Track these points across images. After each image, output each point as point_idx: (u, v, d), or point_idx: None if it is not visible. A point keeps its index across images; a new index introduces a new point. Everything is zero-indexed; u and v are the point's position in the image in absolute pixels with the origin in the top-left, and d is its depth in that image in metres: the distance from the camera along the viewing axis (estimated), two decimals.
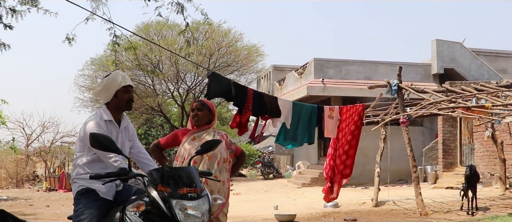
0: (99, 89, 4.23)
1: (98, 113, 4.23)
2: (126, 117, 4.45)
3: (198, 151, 4.26)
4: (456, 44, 21.91)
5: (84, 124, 4.13)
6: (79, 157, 4.11)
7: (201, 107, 5.19)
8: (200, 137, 5.08)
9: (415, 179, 11.40)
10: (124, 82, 4.20)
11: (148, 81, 27.60)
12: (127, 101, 4.24)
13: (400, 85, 11.54)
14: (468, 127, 18.44)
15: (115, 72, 4.32)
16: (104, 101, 4.24)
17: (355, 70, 21.31)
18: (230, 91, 6.55)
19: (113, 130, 4.21)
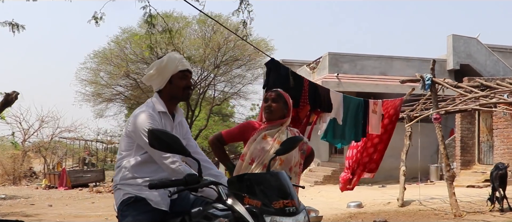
0: (151, 73, 3.47)
1: (149, 103, 3.44)
2: (181, 109, 3.68)
3: (278, 151, 3.51)
4: (472, 40, 21.45)
5: (133, 116, 3.39)
6: (125, 157, 3.38)
7: (277, 98, 4.43)
8: (273, 135, 4.38)
9: (449, 179, 10.92)
10: (182, 66, 3.44)
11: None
12: (183, 88, 3.47)
13: (433, 80, 11.02)
14: (487, 124, 18.01)
15: (171, 53, 3.57)
16: (157, 88, 3.48)
17: (371, 65, 20.80)
18: (288, 81, 5.97)
19: (168, 124, 3.46)
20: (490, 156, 17.80)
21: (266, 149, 4.33)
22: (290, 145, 3.56)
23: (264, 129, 4.43)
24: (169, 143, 2.89)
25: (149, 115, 3.31)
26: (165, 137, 2.89)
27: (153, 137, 2.89)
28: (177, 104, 3.59)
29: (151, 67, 3.51)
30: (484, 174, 17.19)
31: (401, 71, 20.87)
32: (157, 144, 2.90)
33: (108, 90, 29.40)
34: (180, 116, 3.62)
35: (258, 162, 4.33)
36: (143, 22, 8.49)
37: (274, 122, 4.44)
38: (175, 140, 2.92)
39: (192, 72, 3.63)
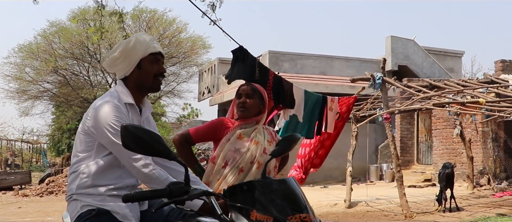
0: (115, 56, 2.81)
1: (113, 93, 2.79)
2: (149, 102, 3.03)
3: (274, 153, 2.98)
4: (410, 42, 21.73)
5: (93, 109, 2.71)
6: (83, 160, 2.70)
7: (251, 93, 3.83)
8: (249, 135, 3.79)
9: (400, 179, 10.72)
10: (153, 48, 2.83)
11: (83, 72, 25.77)
12: (155, 75, 2.84)
13: (384, 79, 10.83)
14: (425, 124, 18.24)
15: (139, 33, 2.96)
16: (121, 74, 2.84)
17: (311, 64, 20.63)
18: (254, 73, 5.41)
19: (135, 119, 2.82)
20: (429, 156, 18.03)
21: (242, 151, 3.75)
22: (287, 145, 3.03)
23: (238, 127, 3.83)
24: (148, 143, 2.27)
25: (114, 107, 2.67)
26: (143, 135, 2.27)
27: (127, 134, 2.26)
28: (145, 95, 2.97)
29: (115, 48, 2.87)
30: (423, 174, 17.40)
31: (341, 71, 20.86)
32: (133, 143, 2.27)
33: (34, 87, 27.74)
34: (148, 110, 3.00)
35: (233, 166, 3.74)
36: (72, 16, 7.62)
37: (249, 120, 3.84)
38: (156, 139, 2.30)
39: (164, 56, 3.00)
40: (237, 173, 3.69)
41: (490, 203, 11.60)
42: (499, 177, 14.39)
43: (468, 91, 10.48)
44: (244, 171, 3.72)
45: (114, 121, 2.63)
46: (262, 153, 3.78)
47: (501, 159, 14.50)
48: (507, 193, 12.79)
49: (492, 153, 14.54)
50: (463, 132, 14.02)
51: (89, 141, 2.72)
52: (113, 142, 2.60)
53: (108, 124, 2.63)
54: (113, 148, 2.63)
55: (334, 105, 8.11)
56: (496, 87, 11.04)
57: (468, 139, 14.19)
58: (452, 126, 16.18)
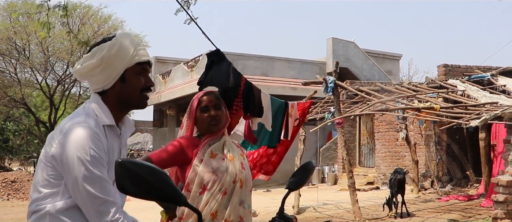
0: (92, 64, 2.18)
1: (88, 111, 2.17)
2: (130, 119, 2.43)
3: (292, 185, 2.60)
4: (351, 44, 21.77)
5: (61, 133, 2.08)
6: (48, 198, 2.07)
7: (218, 103, 3.28)
8: (221, 150, 3.23)
9: (352, 186, 10.49)
10: (141, 56, 2.25)
11: (10, 69, 24.19)
12: (142, 89, 2.27)
13: (337, 83, 10.56)
14: (367, 127, 18.26)
15: (123, 35, 2.29)
16: (98, 86, 2.23)
17: (252, 65, 20.23)
18: (228, 79, 4.87)
19: (115, 145, 2.24)
20: (371, 159, 18.05)
21: (221, 170, 3.16)
22: (306, 175, 2.58)
23: (206, 144, 3.23)
24: (153, 185, 1.76)
25: (91, 135, 2.04)
26: (147, 175, 1.75)
27: (125, 174, 1.73)
28: (128, 112, 2.39)
29: (92, 53, 2.22)
30: (366, 177, 17.39)
31: (283, 72, 20.61)
32: (133, 186, 1.74)
33: None
34: (128, 130, 2.38)
35: (215, 189, 3.16)
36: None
37: (216, 134, 3.29)
38: (163, 179, 1.78)
39: (152, 65, 2.44)
40: (221, 197, 3.13)
41: (438, 208, 11.58)
42: (442, 180, 14.52)
43: (421, 96, 10.37)
44: (227, 193, 3.16)
45: (89, 155, 2.00)
46: (241, 169, 3.27)
47: (444, 162, 14.64)
48: (452, 197, 12.87)
49: (435, 156, 14.65)
50: (408, 136, 14.03)
51: (55, 174, 2.07)
52: (81, 185, 1.98)
53: (79, 159, 1.99)
54: (79, 193, 2.00)
55: (293, 111, 7.72)
56: (445, 92, 11.04)
57: (413, 143, 14.22)
58: (394, 129, 16.25)
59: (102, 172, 2.01)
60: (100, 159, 2.03)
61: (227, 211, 3.11)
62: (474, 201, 12.17)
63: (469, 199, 12.36)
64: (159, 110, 26.75)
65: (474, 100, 10.58)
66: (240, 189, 3.18)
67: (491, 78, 12.37)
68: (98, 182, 1.99)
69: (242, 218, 3.17)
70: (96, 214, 1.99)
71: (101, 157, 2.04)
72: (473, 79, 12.49)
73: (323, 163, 19.29)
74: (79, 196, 2.00)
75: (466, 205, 11.65)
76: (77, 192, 1.99)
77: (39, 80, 24.92)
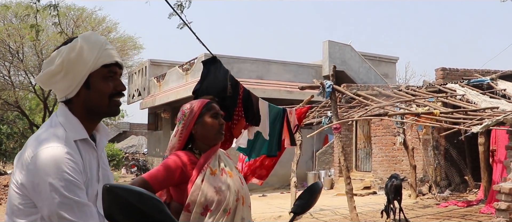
0: (52, 70, 1.95)
1: (56, 126, 1.92)
2: (104, 126, 2.17)
3: (298, 209, 2.42)
4: (347, 47, 21.61)
5: (28, 157, 1.82)
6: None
7: (222, 114, 3.07)
8: (218, 166, 2.96)
9: (350, 192, 10.29)
10: (107, 57, 1.99)
11: (3, 72, 23.92)
12: (110, 95, 2.01)
13: (334, 87, 10.37)
14: (364, 131, 18.08)
15: (87, 34, 2.02)
16: (63, 94, 1.99)
17: (247, 68, 20.04)
18: (226, 88, 4.65)
19: (93, 161, 1.99)
20: (367, 163, 17.88)
21: (223, 189, 2.94)
22: (313, 197, 2.37)
23: (205, 161, 2.95)
24: (145, 213, 1.56)
25: (62, 157, 1.79)
26: (139, 202, 1.55)
27: (113, 202, 1.53)
28: (99, 121, 2.10)
29: (51, 60, 1.99)
30: (362, 181, 17.22)
31: (278, 76, 20.44)
32: (123, 215, 1.54)
33: None
34: (104, 138, 2.13)
35: (217, 209, 2.92)
36: None
37: (212, 150, 3.00)
38: (157, 206, 1.58)
39: (123, 67, 2.15)
40: (224, 217, 2.91)
41: (437, 214, 11.41)
42: (440, 185, 14.35)
43: (419, 100, 10.20)
44: (231, 212, 2.93)
45: (63, 180, 1.76)
46: (241, 185, 3.05)
47: (442, 167, 14.47)
48: (451, 202, 12.70)
49: (433, 161, 14.48)
50: (406, 140, 13.85)
51: (28, 202, 1.83)
52: (57, 213, 1.75)
53: (52, 186, 1.75)
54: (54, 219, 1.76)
55: (292, 117, 7.54)
56: (444, 96, 10.87)
57: (411, 147, 14.04)
58: (391, 133, 16.08)
59: (79, 196, 1.78)
60: (76, 182, 1.79)
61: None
62: (473, 207, 12.00)
63: (468, 205, 12.19)
64: (154, 113, 26.55)
65: (474, 104, 10.41)
66: (242, 207, 2.98)
67: (490, 82, 12.21)
68: (76, 208, 1.76)
69: None
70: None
71: (77, 180, 1.80)
72: (472, 83, 12.33)
73: (319, 167, 19.11)
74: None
75: (466, 211, 11.48)
76: (55, 220, 1.76)
77: (33, 83, 24.64)
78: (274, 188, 18.97)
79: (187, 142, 3.08)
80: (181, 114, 3.07)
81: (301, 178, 17.32)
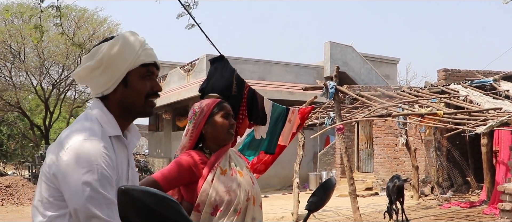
0: (91, 66, 1.94)
1: (93, 121, 1.90)
2: (135, 127, 2.13)
3: (312, 206, 2.38)
4: (348, 48, 21.64)
5: (63, 149, 1.79)
6: (56, 220, 1.82)
7: (233, 114, 3.07)
8: (229, 166, 2.96)
9: (353, 193, 10.29)
10: (146, 56, 1.99)
11: (4, 72, 23.93)
12: (147, 95, 1.99)
13: (338, 88, 10.37)
14: (366, 132, 18.08)
15: (126, 33, 2.01)
16: (99, 91, 1.98)
17: (249, 69, 20.04)
18: (231, 87, 4.66)
19: (123, 158, 1.97)
20: (369, 164, 17.88)
21: (234, 188, 2.93)
22: (326, 194, 2.36)
23: (216, 160, 2.94)
24: (162, 216, 1.54)
25: (99, 150, 1.78)
26: (156, 204, 1.53)
27: (129, 204, 1.53)
28: (132, 121, 2.07)
29: (90, 55, 1.97)
30: (364, 182, 17.21)
31: (280, 77, 20.46)
32: (138, 218, 1.53)
33: None
34: (135, 139, 2.09)
35: (227, 209, 2.91)
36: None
37: (225, 147, 3.01)
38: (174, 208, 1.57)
39: (160, 68, 2.13)
40: (235, 217, 2.90)
41: (441, 215, 11.40)
42: (442, 186, 14.34)
43: (422, 101, 10.20)
44: (241, 212, 2.91)
45: (97, 174, 1.75)
46: (252, 185, 3.04)
47: (444, 168, 14.46)
48: (454, 203, 12.69)
49: (435, 162, 14.48)
50: (409, 141, 13.85)
51: (59, 195, 1.80)
52: (85, 207, 1.72)
53: (85, 179, 1.73)
54: (82, 215, 1.74)
55: (293, 117, 7.55)
56: (447, 97, 10.87)
57: (414, 148, 14.04)
58: (393, 135, 16.08)
59: (109, 193, 1.76)
60: (109, 178, 1.78)
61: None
62: (476, 208, 11.99)
63: (471, 206, 12.18)
64: (155, 114, 26.52)
65: (477, 105, 10.41)
66: (252, 206, 2.96)
67: (493, 83, 12.21)
68: (105, 204, 1.74)
69: None
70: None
71: (110, 176, 1.79)
72: (475, 84, 12.33)
73: (321, 168, 19.11)
74: (82, 218, 1.74)
75: (469, 212, 11.48)
76: (81, 214, 1.75)
77: (34, 83, 24.65)
78: (276, 189, 18.99)
79: (198, 142, 3.08)
80: (192, 113, 3.06)
81: (302, 179, 17.30)
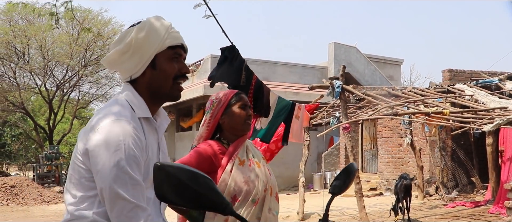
0: (120, 50, 2.00)
1: (123, 103, 1.95)
2: (164, 112, 2.18)
3: (336, 189, 2.37)
4: (352, 49, 21.67)
5: (93, 129, 1.84)
6: (88, 201, 1.85)
7: (249, 105, 3.11)
8: (247, 156, 2.99)
9: (359, 191, 10.33)
10: (173, 39, 2.02)
11: (8, 73, 23.98)
12: (175, 77, 2.03)
13: (344, 87, 10.40)
14: (370, 132, 18.10)
15: (153, 18, 2.05)
16: (127, 75, 2.02)
17: (254, 69, 19.62)
18: (240, 77, 4.70)
19: (154, 141, 2.02)
20: (373, 165, 17.89)
21: (252, 179, 2.97)
22: (349, 178, 2.39)
23: (234, 151, 2.97)
24: (197, 192, 1.57)
25: (128, 130, 1.82)
26: (190, 180, 1.56)
27: (164, 179, 1.54)
28: (161, 104, 2.12)
29: (120, 38, 2.03)
30: (368, 183, 17.22)
31: (284, 77, 20.49)
32: (174, 194, 1.56)
33: None
34: (164, 122, 2.13)
35: (245, 200, 2.94)
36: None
37: (240, 141, 3.02)
38: (208, 185, 1.59)
39: (187, 51, 2.14)
40: (253, 207, 2.94)
41: (446, 214, 11.43)
42: (447, 186, 14.36)
43: (428, 100, 10.23)
44: (259, 202, 2.95)
45: (124, 153, 1.78)
46: (269, 176, 3.08)
47: (449, 168, 14.48)
48: (458, 203, 12.71)
49: (440, 162, 14.50)
50: (414, 141, 13.87)
51: (89, 177, 1.85)
52: (111, 187, 1.76)
53: (113, 158, 1.77)
54: (108, 194, 1.78)
55: (300, 113, 7.59)
56: (453, 96, 10.91)
57: (418, 148, 14.06)
58: (398, 135, 16.11)
59: (136, 174, 1.80)
60: (137, 159, 1.81)
61: (260, 221, 2.93)
62: (481, 207, 12.00)
63: (476, 206, 12.19)
64: None
65: (482, 105, 10.44)
66: (270, 197, 3.00)
67: (499, 82, 12.24)
68: (130, 185, 1.77)
69: None
70: (125, 220, 1.77)
71: (138, 157, 1.82)
72: (480, 84, 12.36)
73: (325, 169, 19.12)
74: (107, 198, 1.78)
75: (474, 212, 11.49)
76: (106, 194, 1.78)
77: (39, 84, 24.70)
78: (280, 189, 18.94)
79: (215, 132, 3.11)
80: (210, 104, 3.09)
81: (306, 180, 17.26)
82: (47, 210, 15.51)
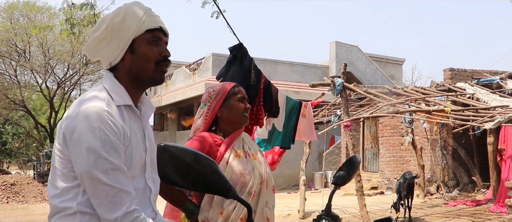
0: (97, 37, 1.97)
1: (101, 90, 1.92)
2: (148, 99, 2.14)
3: (340, 180, 2.41)
4: (354, 48, 21.65)
5: (70, 117, 1.83)
6: (72, 192, 1.82)
7: (247, 98, 3.10)
8: (243, 148, 2.99)
9: (360, 190, 10.31)
10: (151, 22, 1.99)
11: (9, 71, 23.99)
12: (156, 61, 1.99)
13: (345, 85, 10.38)
14: (371, 131, 18.08)
15: (133, 2, 2.02)
16: (108, 61, 2.00)
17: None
18: (249, 76, 4.68)
19: (137, 129, 1.96)
20: (374, 164, 17.87)
21: (248, 171, 2.97)
22: (353, 169, 2.40)
23: (231, 141, 2.98)
24: (201, 174, 1.57)
25: (102, 116, 1.79)
26: (194, 161, 1.57)
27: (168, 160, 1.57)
28: (144, 89, 2.09)
29: (97, 26, 2.00)
30: (370, 182, 17.21)
31: (285, 76, 20.47)
32: (177, 175, 1.58)
33: None
34: (149, 110, 2.10)
35: (241, 192, 2.90)
36: None
37: (236, 133, 3.03)
38: (211, 167, 1.61)
39: (168, 35, 2.09)
40: (248, 200, 2.92)
41: (447, 213, 11.41)
42: (448, 185, 14.35)
43: (430, 99, 10.22)
44: (255, 195, 2.94)
45: (99, 139, 1.76)
46: (265, 168, 3.07)
47: (450, 166, 14.47)
48: (460, 202, 12.69)
49: (441, 161, 14.48)
50: (415, 140, 13.85)
51: (70, 167, 1.83)
52: (90, 173, 1.75)
53: (88, 144, 1.76)
54: (89, 182, 1.76)
55: (307, 111, 7.55)
56: (454, 95, 10.89)
57: (420, 147, 14.04)
58: (399, 134, 16.08)
59: (115, 159, 1.78)
60: (113, 144, 1.79)
61: (256, 214, 2.92)
62: (482, 206, 11.99)
63: (477, 204, 12.18)
64: (160, 113, 26.55)
65: (483, 103, 10.43)
66: (266, 190, 3.00)
67: (500, 81, 12.23)
68: (111, 169, 1.76)
69: (268, 220, 2.99)
70: (109, 205, 1.75)
71: (115, 142, 1.80)
72: (482, 83, 12.35)
73: (326, 168, 19.10)
74: (89, 185, 1.76)
75: (475, 210, 11.48)
76: (87, 181, 1.76)
77: (39, 82, 24.70)
78: (281, 188, 18.97)
79: (211, 125, 3.10)
80: (207, 96, 3.08)
81: (307, 179, 17.30)
82: (47, 208, 15.44)
